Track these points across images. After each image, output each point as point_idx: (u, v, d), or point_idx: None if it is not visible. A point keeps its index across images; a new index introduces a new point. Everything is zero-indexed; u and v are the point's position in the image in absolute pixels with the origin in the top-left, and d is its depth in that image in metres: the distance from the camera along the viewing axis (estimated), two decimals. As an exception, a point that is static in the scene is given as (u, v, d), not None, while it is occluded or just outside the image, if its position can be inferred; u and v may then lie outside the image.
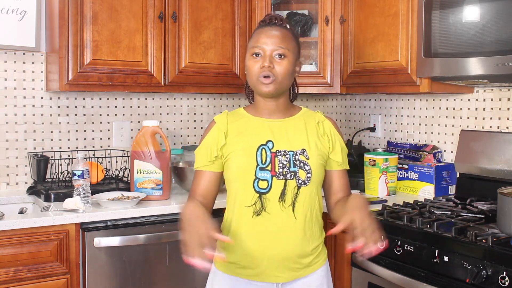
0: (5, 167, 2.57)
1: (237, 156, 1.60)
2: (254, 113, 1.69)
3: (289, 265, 1.59)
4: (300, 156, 1.60)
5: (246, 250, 1.59)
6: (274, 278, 1.59)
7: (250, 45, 1.64)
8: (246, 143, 1.61)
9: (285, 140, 1.62)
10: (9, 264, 1.98)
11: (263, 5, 2.77)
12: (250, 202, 1.58)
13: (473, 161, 2.41)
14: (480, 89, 2.51)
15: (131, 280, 2.20)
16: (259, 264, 1.58)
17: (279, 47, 1.60)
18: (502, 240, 1.74)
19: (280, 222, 1.57)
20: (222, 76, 2.73)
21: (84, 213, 2.10)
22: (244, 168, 1.59)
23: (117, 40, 2.45)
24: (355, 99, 3.23)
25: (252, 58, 1.61)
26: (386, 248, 1.89)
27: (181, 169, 2.53)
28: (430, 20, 2.19)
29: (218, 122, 1.66)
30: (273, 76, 1.58)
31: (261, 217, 1.57)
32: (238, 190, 1.61)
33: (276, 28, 1.63)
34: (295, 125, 1.66)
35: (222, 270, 1.64)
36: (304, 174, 1.59)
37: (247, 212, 1.58)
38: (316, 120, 1.69)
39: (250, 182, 1.58)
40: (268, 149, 1.60)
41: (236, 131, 1.64)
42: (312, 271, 1.64)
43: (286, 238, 1.58)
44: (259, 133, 1.63)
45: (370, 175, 2.59)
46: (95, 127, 2.78)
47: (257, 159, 1.58)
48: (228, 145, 1.62)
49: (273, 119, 1.66)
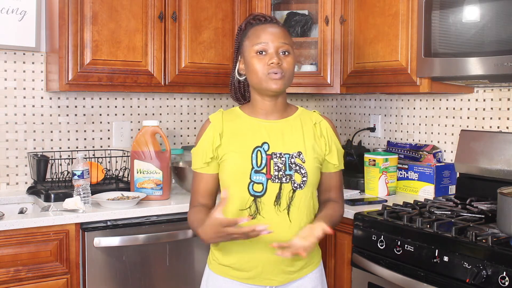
0: (5, 167, 2.57)
1: (232, 158, 1.58)
2: (250, 113, 1.66)
3: (284, 268, 1.59)
4: (296, 159, 1.58)
5: (241, 253, 1.58)
6: (268, 281, 1.59)
7: (250, 43, 1.60)
8: (241, 144, 1.59)
9: (281, 142, 1.60)
10: (9, 264, 1.98)
11: (263, 5, 2.77)
12: (245, 206, 1.57)
13: (473, 161, 2.41)
14: (480, 89, 2.51)
15: (131, 280, 2.20)
16: (254, 267, 1.58)
17: (283, 44, 1.58)
18: (502, 240, 1.74)
19: (274, 226, 1.54)
20: (222, 76, 2.72)
21: (84, 213, 2.10)
22: (239, 170, 1.57)
23: (117, 40, 2.45)
24: (355, 99, 3.23)
25: (256, 56, 1.58)
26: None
27: (181, 169, 2.52)
28: (430, 20, 2.19)
29: (213, 122, 1.63)
30: (281, 72, 1.56)
31: (256, 221, 1.55)
32: (232, 193, 1.58)
33: (274, 25, 1.61)
34: (291, 127, 1.64)
35: (216, 272, 1.63)
36: (300, 178, 1.58)
37: (241, 215, 1.56)
38: (313, 121, 1.66)
39: (245, 185, 1.56)
40: (264, 151, 1.58)
41: (232, 131, 1.62)
42: (305, 274, 1.63)
43: (281, 242, 1.56)
44: (254, 135, 1.60)
45: (370, 175, 2.59)
46: (95, 127, 2.78)
47: (252, 161, 1.56)
48: (223, 146, 1.60)
49: (269, 120, 1.63)
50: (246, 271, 1.58)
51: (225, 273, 1.61)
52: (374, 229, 2.06)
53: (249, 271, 1.58)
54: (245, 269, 1.58)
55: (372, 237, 2.04)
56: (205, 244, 1.58)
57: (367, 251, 2.07)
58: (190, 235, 2.28)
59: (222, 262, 1.62)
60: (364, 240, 2.09)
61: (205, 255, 2.36)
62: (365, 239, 2.09)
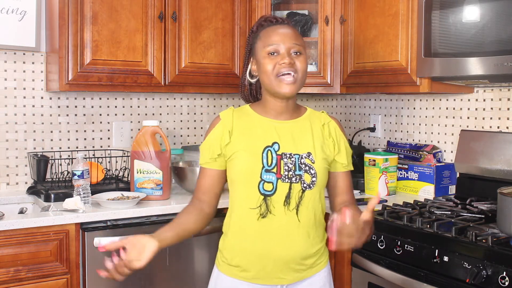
0: (5, 167, 2.57)
1: (242, 157, 1.58)
2: (261, 112, 1.65)
3: (294, 267, 1.59)
4: (305, 159, 1.58)
5: (251, 253, 1.58)
6: (278, 280, 1.59)
7: (261, 45, 1.60)
8: (251, 143, 1.59)
9: (291, 143, 1.60)
10: (9, 264, 1.98)
11: (263, 5, 2.77)
12: (255, 204, 1.56)
13: (473, 161, 2.41)
14: (480, 89, 2.51)
15: (131, 280, 2.20)
16: (264, 266, 1.57)
17: (295, 44, 1.58)
18: (502, 240, 1.74)
19: (284, 225, 1.56)
20: (222, 76, 2.73)
21: (84, 213, 2.10)
22: (249, 169, 1.57)
23: (117, 40, 2.45)
24: (355, 99, 3.23)
25: (268, 57, 1.57)
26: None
27: (181, 169, 2.52)
28: (430, 20, 2.19)
29: (224, 119, 1.62)
30: (294, 72, 1.56)
31: (267, 219, 1.56)
32: (242, 191, 1.59)
33: (285, 26, 1.61)
34: (301, 128, 1.64)
35: (225, 273, 1.62)
36: (309, 178, 1.58)
37: (252, 214, 1.57)
38: (321, 122, 1.67)
39: (255, 184, 1.56)
40: (274, 151, 1.58)
41: (242, 130, 1.61)
42: (315, 272, 1.63)
43: (291, 241, 1.57)
44: (265, 134, 1.60)
45: (370, 175, 2.59)
46: (95, 127, 2.78)
47: (262, 161, 1.56)
48: (232, 144, 1.60)
49: (279, 120, 1.63)
50: (256, 271, 1.58)
51: (235, 274, 1.60)
52: (374, 229, 2.04)
53: (259, 271, 1.58)
54: (255, 269, 1.58)
55: (372, 237, 2.04)
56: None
57: (367, 251, 2.07)
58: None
59: (231, 262, 1.61)
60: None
61: (205, 255, 2.37)
62: (365, 239, 2.09)
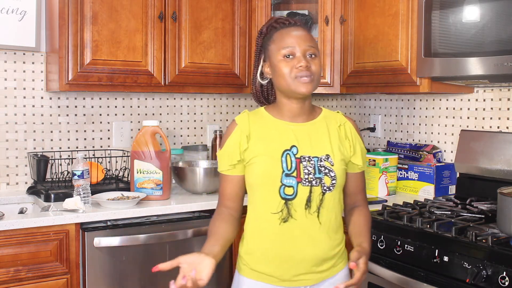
0: (5, 167, 2.57)
1: (261, 162, 1.57)
2: (276, 115, 1.64)
3: (316, 269, 1.58)
4: (324, 162, 1.58)
5: (274, 257, 1.57)
6: (302, 282, 1.58)
7: (276, 47, 1.59)
8: (270, 147, 1.58)
9: (309, 146, 1.59)
10: (9, 264, 1.98)
11: (263, 5, 2.77)
12: (276, 209, 1.55)
13: (473, 161, 2.41)
14: (480, 89, 2.51)
15: (131, 280, 2.20)
16: (287, 270, 1.57)
17: (310, 47, 1.57)
18: (502, 240, 1.74)
19: (306, 228, 1.55)
20: (222, 76, 2.73)
21: (84, 213, 2.10)
22: (269, 174, 1.56)
23: (117, 40, 2.45)
24: (355, 99, 3.23)
25: (284, 60, 1.57)
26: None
27: (181, 169, 2.52)
28: (430, 20, 2.19)
29: (240, 124, 1.61)
30: (311, 75, 1.56)
31: (289, 224, 1.55)
32: (262, 196, 1.57)
33: (299, 28, 1.61)
34: (317, 129, 1.63)
35: (249, 277, 1.61)
36: (329, 181, 1.57)
37: (273, 219, 1.56)
38: (337, 123, 1.66)
39: (276, 188, 1.55)
40: (293, 154, 1.57)
41: (259, 134, 1.60)
42: (337, 272, 1.63)
43: (313, 243, 1.56)
44: (282, 138, 1.59)
45: (370, 175, 2.59)
46: (95, 127, 2.78)
47: (282, 165, 1.55)
48: (250, 149, 1.58)
49: (296, 123, 1.62)
50: (280, 274, 1.57)
51: (258, 277, 1.60)
52: (374, 229, 2.05)
53: (282, 274, 1.57)
54: (278, 272, 1.57)
55: (372, 237, 2.04)
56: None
57: (367, 251, 2.07)
58: (190, 235, 2.28)
59: (254, 267, 1.60)
60: (364, 240, 2.09)
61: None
62: (365, 239, 2.09)
